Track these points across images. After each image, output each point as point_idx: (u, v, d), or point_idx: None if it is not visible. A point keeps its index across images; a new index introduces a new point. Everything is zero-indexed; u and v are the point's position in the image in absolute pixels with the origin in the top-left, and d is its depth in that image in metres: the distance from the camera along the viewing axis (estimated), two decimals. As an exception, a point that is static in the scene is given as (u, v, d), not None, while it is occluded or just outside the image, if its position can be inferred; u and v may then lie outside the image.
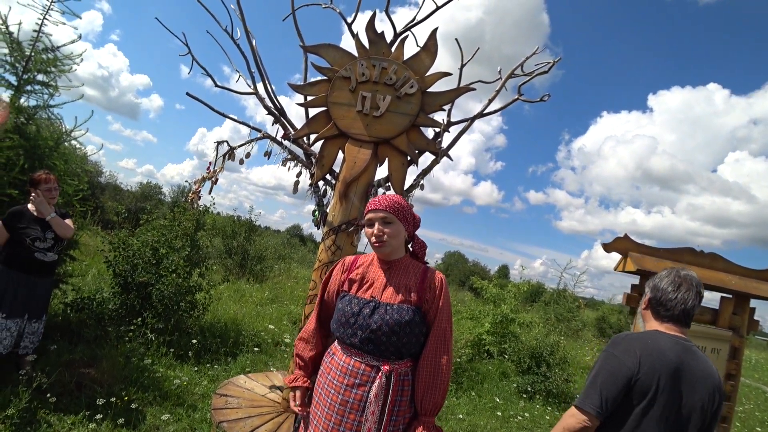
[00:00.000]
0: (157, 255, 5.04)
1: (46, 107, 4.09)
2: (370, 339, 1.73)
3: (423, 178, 3.65)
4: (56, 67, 4.10)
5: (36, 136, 3.97)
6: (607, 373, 1.65)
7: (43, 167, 3.81)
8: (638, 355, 1.64)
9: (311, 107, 3.62)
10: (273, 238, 20.59)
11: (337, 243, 3.30)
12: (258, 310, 7.38)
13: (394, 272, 1.85)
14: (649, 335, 1.73)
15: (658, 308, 1.81)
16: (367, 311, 1.76)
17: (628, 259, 4.15)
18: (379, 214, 1.82)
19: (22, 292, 3.20)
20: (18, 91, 3.90)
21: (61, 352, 3.81)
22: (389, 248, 1.83)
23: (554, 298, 13.12)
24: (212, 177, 3.82)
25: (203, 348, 4.81)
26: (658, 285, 1.85)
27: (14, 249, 3.19)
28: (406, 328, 1.72)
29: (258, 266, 11.28)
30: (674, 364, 1.62)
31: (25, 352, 3.29)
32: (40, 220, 3.26)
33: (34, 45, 3.98)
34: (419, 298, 1.79)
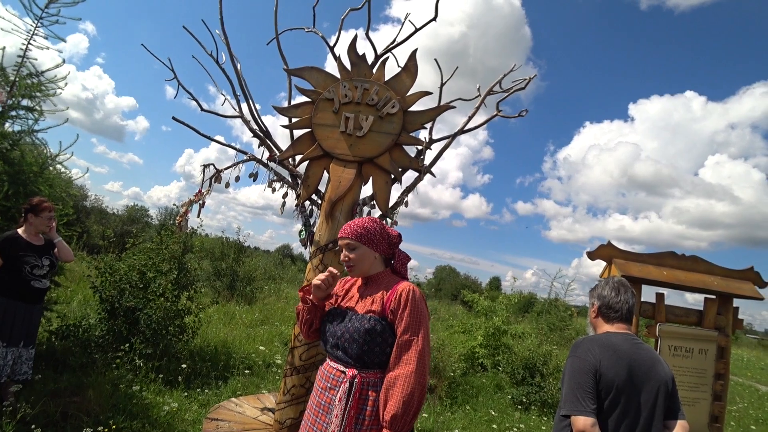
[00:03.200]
0: (144, 279, 4.99)
1: (30, 132, 4.07)
2: (337, 345, 1.87)
3: (407, 195, 3.71)
4: (41, 92, 4.10)
5: (20, 161, 3.94)
6: (577, 374, 1.87)
7: (27, 193, 3.79)
8: (597, 352, 1.89)
9: (296, 129, 3.69)
10: (263, 258, 20.46)
11: (324, 262, 3.32)
12: (248, 332, 7.31)
13: (370, 286, 1.97)
14: (603, 336, 2.00)
15: (608, 312, 2.07)
16: (338, 320, 1.91)
17: (612, 265, 4.23)
18: (344, 241, 1.96)
19: (20, 320, 3.17)
20: (2, 117, 3.89)
21: (47, 382, 3.73)
22: (358, 271, 1.96)
23: (546, 308, 13.16)
24: (200, 200, 3.84)
25: (193, 372, 4.75)
26: (602, 293, 2.11)
27: (11, 276, 3.14)
28: (366, 336, 1.79)
29: (248, 288, 11.19)
30: (627, 356, 1.88)
31: (23, 378, 3.24)
32: (35, 246, 3.24)
33: (19, 70, 3.98)
34: (383, 309, 1.85)
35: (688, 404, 4.03)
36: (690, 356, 4.13)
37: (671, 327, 4.20)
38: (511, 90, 3.62)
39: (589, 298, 2.23)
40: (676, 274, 4.19)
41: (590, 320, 2.19)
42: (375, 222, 2.00)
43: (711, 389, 4.06)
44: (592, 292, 2.19)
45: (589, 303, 2.22)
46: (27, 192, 3.83)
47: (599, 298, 2.11)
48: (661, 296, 4.33)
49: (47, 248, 3.34)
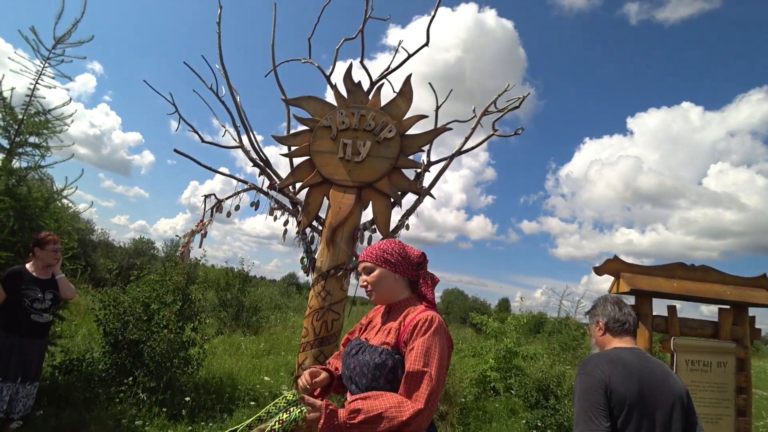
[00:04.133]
0: (148, 311, 4.97)
1: (37, 168, 4.16)
2: (350, 379, 1.70)
3: (408, 218, 3.72)
4: (48, 129, 4.21)
5: (26, 197, 4.01)
6: (588, 392, 1.83)
7: (33, 228, 3.83)
8: (606, 368, 1.85)
9: (295, 157, 3.73)
10: (268, 287, 20.37)
11: (326, 288, 3.31)
12: (254, 362, 7.20)
13: (391, 315, 1.79)
14: (611, 351, 1.96)
15: (615, 326, 2.04)
16: (353, 351, 1.74)
17: (620, 280, 4.15)
18: (362, 265, 1.81)
19: (17, 356, 3.15)
20: (10, 154, 3.98)
21: (48, 418, 3.68)
22: (378, 296, 1.78)
23: (557, 327, 12.90)
24: (202, 230, 3.87)
25: (197, 405, 4.66)
26: (605, 311, 2.10)
27: (10, 310, 3.15)
28: (375, 371, 1.60)
29: (253, 317, 11.10)
30: (638, 371, 1.83)
31: (20, 416, 3.19)
32: (39, 280, 3.26)
33: (27, 109, 4.10)
34: (397, 341, 1.64)
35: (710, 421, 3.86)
36: (708, 370, 3.99)
37: (686, 340, 4.06)
38: (506, 109, 3.67)
39: (590, 319, 2.20)
40: (686, 285, 4.10)
41: (596, 340, 2.14)
42: (393, 242, 1.84)
43: (734, 404, 3.91)
44: (593, 312, 2.17)
45: (591, 323, 2.19)
46: (33, 227, 3.88)
47: (604, 315, 2.10)
48: (673, 309, 4.22)
49: (52, 283, 3.35)
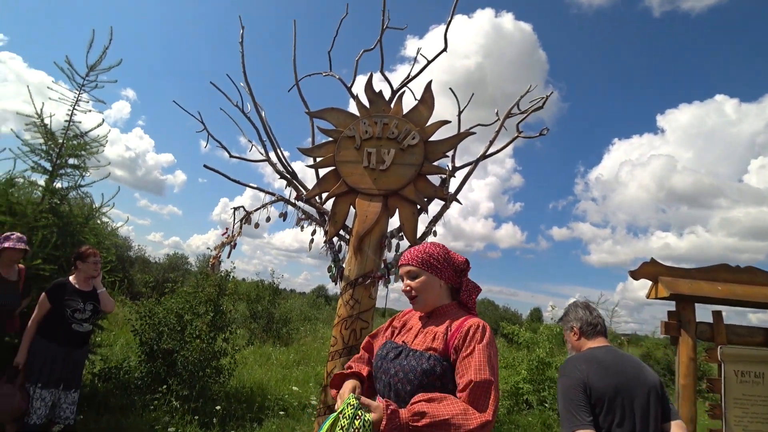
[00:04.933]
0: (181, 321, 5.12)
1: (77, 187, 4.43)
2: (389, 384, 1.58)
3: (435, 224, 3.69)
4: (86, 150, 4.48)
5: (68, 214, 4.26)
6: (568, 391, 1.95)
7: (74, 243, 4.03)
8: (584, 368, 1.98)
9: (321, 168, 3.79)
10: (298, 300, 20.59)
11: (355, 297, 3.31)
12: (284, 373, 7.28)
13: (433, 319, 1.71)
14: (586, 352, 2.10)
15: (588, 329, 2.19)
16: (391, 355, 1.63)
17: (659, 284, 3.96)
18: (404, 269, 1.73)
19: (58, 363, 3.29)
20: (52, 175, 4.24)
21: (87, 422, 3.82)
22: (421, 303, 1.71)
23: (592, 338, 12.44)
24: (231, 242, 3.96)
25: (228, 414, 4.73)
26: (577, 315, 2.26)
27: (53, 320, 3.30)
28: (422, 378, 1.50)
29: (283, 329, 11.24)
30: (613, 366, 1.98)
31: (68, 423, 3.32)
32: (81, 292, 3.42)
33: (66, 133, 4.37)
34: (446, 347, 1.56)
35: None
36: (761, 382, 3.73)
37: (735, 349, 3.81)
38: (529, 110, 3.62)
39: (564, 326, 2.33)
40: (732, 289, 3.86)
41: (572, 344, 2.26)
42: (438, 246, 1.77)
43: (793, 420, 3.66)
44: (566, 319, 2.31)
45: (566, 330, 2.31)
46: (74, 242, 4.08)
47: (577, 320, 2.24)
48: (718, 315, 3.98)
49: (93, 295, 3.51)
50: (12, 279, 3.39)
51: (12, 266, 3.40)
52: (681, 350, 3.83)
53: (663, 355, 13.34)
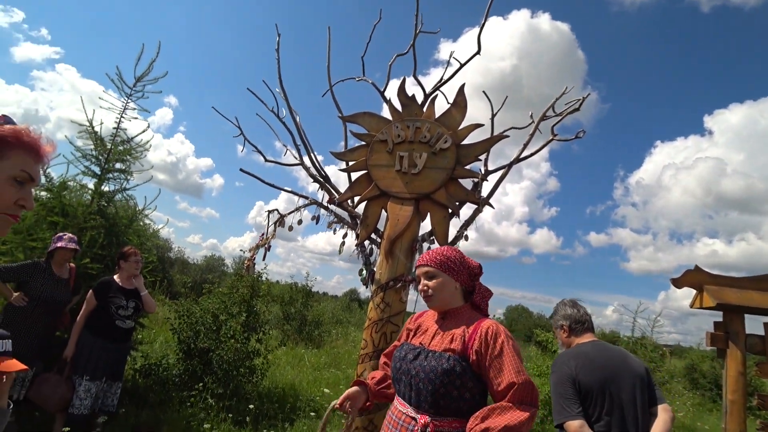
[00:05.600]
0: (217, 321, 5.26)
1: (122, 190, 4.67)
2: (410, 385, 1.68)
3: (467, 228, 3.66)
4: (131, 155, 4.72)
5: (114, 216, 4.49)
6: (559, 386, 2.13)
7: (119, 243, 4.25)
8: (572, 364, 2.15)
9: (353, 171, 3.82)
10: (330, 303, 20.79)
11: (385, 300, 3.32)
12: (315, 374, 7.35)
13: (448, 321, 1.80)
14: (574, 348, 2.27)
15: (576, 327, 2.37)
16: (410, 357, 1.73)
17: (704, 293, 3.77)
18: (422, 269, 1.83)
19: (103, 357, 3.50)
20: (100, 179, 4.48)
21: (128, 416, 3.98)
22: (436, 302, 1.80)
23: (631, 348, 11.91)
24: (265, 244, 4.05)
25: (261, 413, 4.82)
26: (566, 314, 2.43)
27: (99, 316, 3.52)
28: (444, 377, 1.59)
29: (315, 331, 11.37)
30: (599, 359, 2.15)
31: (107, 411, 3.54)
32: (124, 290, 3.62)
33: (114, 139, 4.62)
34: (464, 348, 1.65)
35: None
36: (816, 399, 3.49)
37: None
38: (565, 112, 3.53)
39: (555, 324, 2.49)
40: None
41: (562, 341, 2.43)
42: (455, 250, 1.88)
43: None
44: (555, 318, 2.47)
45: (556, 328, 2.48)
46: (119, 242, 4.29)
47: (566, 318, 2.41)
48: None
49: (135, 293, 3.69)
50: (64, 277, 3.60)
51: (64, 265, 3.61)
52: (729, 363, 3.64)
53: (710, 368, 12.59)
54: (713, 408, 10.68)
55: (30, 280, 3.43)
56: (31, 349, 3.33)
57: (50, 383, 3.30)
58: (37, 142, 1.02)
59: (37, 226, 4.07)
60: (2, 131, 0.98)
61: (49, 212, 4.12)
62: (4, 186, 0.97)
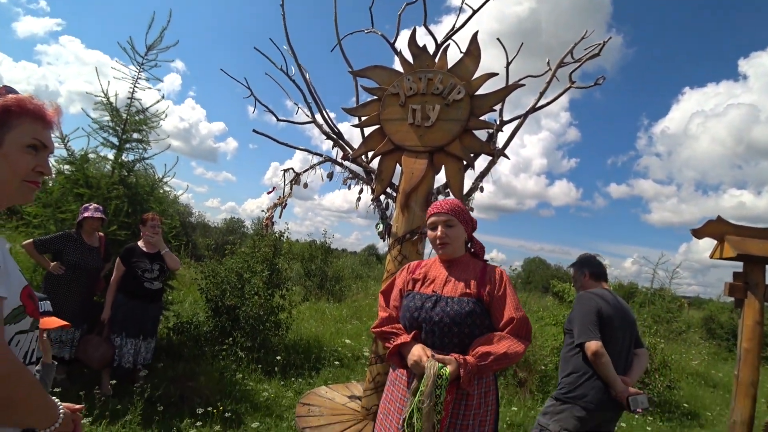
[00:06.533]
0: (241, 280, 5.47)
1: (141, 160, 4.78)
2: (433, 332, 1.78)
3: (482, 180, 3.65)
4: (147, 125, 4.78)
5: (135, 185, 4.62)
6: (587, 315, 2.58)
7: (143, 210, 4.39)
8: (597, 300, 2.64)
9: (366, 126, 3.80)
10: (350, 259, 21.20)
11: (402, 252, 3.39)
12: (338, 327, 7.65)
13: (455, 269, 1.92)
14: (597, 290, 2.75)
15: (598, 274, 2.87)
16: (429, 305, 1.82)
17: (725, 243, 3.74)
18: (441, 218, 1.92)
19: (137, 316, 3.74)
20: (120, 150, 4.58)
21: (167, 369, 4.26)
22: (451, 249, 1.92)
23: (649, 299, 11.95)
24: (282, 203, 4.13)
25: (288, 364, 5.10)
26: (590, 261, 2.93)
27: (129, 280, 3.74)
28: (467, 319, 1.75)
29: (336, 286, 11.69)
30: (613, 304, 2.66)
31: (143, 363, 3.82)
32: (148, 254, 3.79)
33: (129, 109, 4.66)
34: (479, 291, 1.82)
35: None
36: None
37: None
38: (584, 58, 3.39)
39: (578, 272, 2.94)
40: None
41: (582, 284, 2.88)
42: (460, 202, 2.01)
43: None
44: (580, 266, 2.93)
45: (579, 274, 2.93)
46: (143, 210, 4.44)
47: (589, 266, 2.90)
48: None
49: (159, 256, 3.86)
50: (95, 245, 3.81)
51: (93, 234, 3.80)
52: (746, 313, 3.66)
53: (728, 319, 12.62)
54: (728, 357, 10.81)
55: (64, 250, 3.63)
56: (74, 314, 3.57)
57: (92, 343, 3.56)
58: (42, 109, 1.05)
59: (64, 199, 4.23)
60: (6, 101, 1.00)
61: (74, 185, 4.27)
62: (19, 155, 1.01)
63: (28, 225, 4.18)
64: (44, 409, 1.06)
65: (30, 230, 4.13)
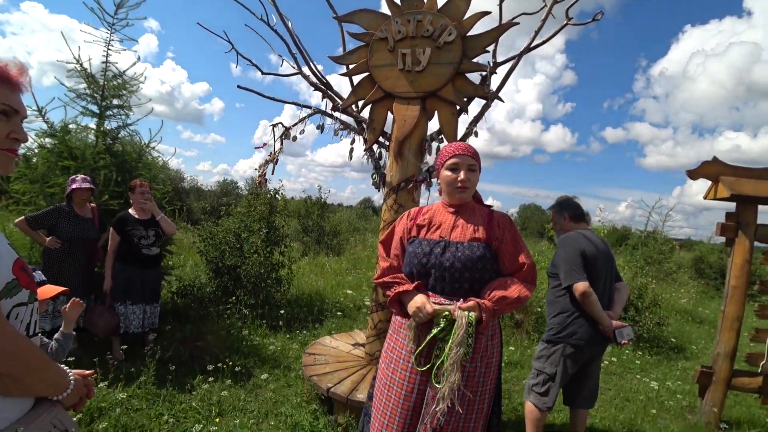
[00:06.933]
0: (239, 239, 5.50)
1: (125, 126, 4.63)
2: (443, 278, 1.76)
3: (476, 124, 3.57)
4: (126, 90, 4.59)
5: (122, 153, 4.51)
6: (571, 257, 2.67)
7: (132, 178, 4.31)
8: (581, 241, 2.72)
9: (354, 75, 3.67)
10: (346, 213, 21.27)
11: (398, 201, 3.37)
12: (338, 279, 7.80)
13: (461, 215, 1.89)
14: (579, 232, 2.82)
15: (577, 216, 2.92)
16: (438, 250, 1.78)
17: (719, 184, 3.76)
18: (468, 161, 1.86)
19: (138, 283, 3.77)
20: (101, 118, 4.43)
21: (174, 331, 4.36)
22: (469, 194, 1.90)
23: (642, 241, 12.17)
24: (273, 159, 4.05)
25: (292, 318, 5.23)
26: (568, 203, 2.97)
27: (126, 248, 3.74)
28: (478, 263, 1.74)
29: (334, 240, 11.81)
30: (594, 243, 2.75)
31: (149, 329, 3.90)
32: (141, 220, 3.76)
33: (105, 74, 4.46)
34: (488, 236, 1.81)
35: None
36: (818, 283, 3.62)
37: None
38: (580, -10, 3.23)
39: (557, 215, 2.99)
40: None
41: (562, 226, 2.94)
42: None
43: None
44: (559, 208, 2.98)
45: (558, 216, 2.97)
46: (132, 177, 4.37)
47: (567, 209, 2.95)
48: None
49: (153, 222, 3.84)
50: (88, 216, 3.76)
51: (84, 205, 3.75)
52: (736, 251, 3.75)
53: (717, 259, 12.91)
54: (715, 295, 11.17)
55: (57, 224, 3.60)
56: (77, 286, 3.60)
57: (96, 313, 3.62)
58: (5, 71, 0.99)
59: (51, 173, 4.13)
60: None
61: (58, 158, 4.15)
62: None
63: (18, 203, 4.13)
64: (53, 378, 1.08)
65: (20, 208, 4.08)
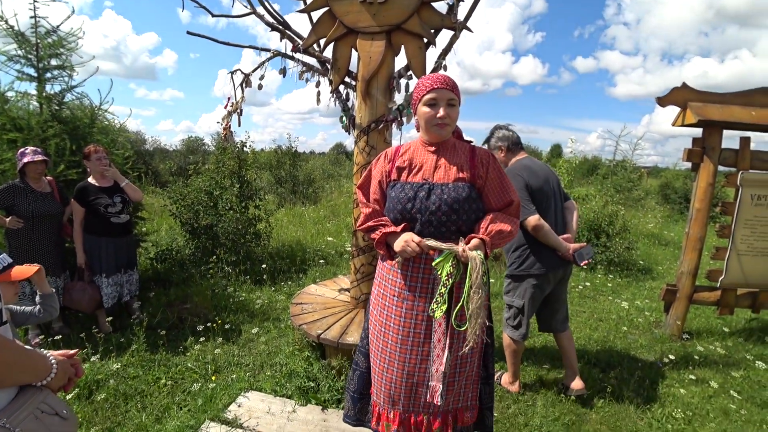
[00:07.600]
0: (212, 197, 5.34)
1: (70, 89, 4.20)
2: (430, 222, 1.70)
3: (444, 57, 3.42)
4: (64, 47, 4.12)
5: (72, 118, 4.14)
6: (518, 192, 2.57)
7: (87, 145, 4.01)
8: (524, 174, 2.68)
9: (312, 11, 3.42)
10: (319, 160, 20.90)
11: (370, 143, 3.28)
12: (317, 228, 7.80)
13: (442, 153, 1.78)
14: (518, 163, 2.79)
15: (514, 147, 2.87)
16: (422, 194, 1.70)
17: (687, 110, 3.79)
18: (447, 95, 1.71)
19: (112, 253, 3.64)
20: (41, 82, 4.00)
21: (160, 297, 4.32)
22: (449, 131, 1.78)
23: (612, 170, 12.48)
24: (236, 109, 3.84)
25: (275, 270, 5.24)
26: (503, 136, 2.89)
27: (94, 219, 3.56)
28: (465, 204, 1.68)
29: (309, 189, 11.70)
30: (536, 168, 2.75)
31: (129, 296, 3.83)
32: (104, 188, 3.57)
33: (36, 31, 3.98)
34: (472, 175, 1.74)
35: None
36: (774, 205, 3.78)
37: (755, 175, 3.83)
38: None
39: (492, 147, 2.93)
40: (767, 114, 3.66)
41: (501, 159, 2.87)
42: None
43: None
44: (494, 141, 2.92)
45: (495, 150, 2.90)
46: (87, 144, 4.04)
47: (503, 140, 2.88)
48: (746, 141, 3.90)
49: (117, 188, 3.65)
50: (46, 191, 3.51)
51: (40, 179, 3.48)
52: (701, 175, 3.87)
53: (682, 185, 13.37)
54: (679, 219, 11.68)
55: (15, 203, 3.35)
56: (49, 264, 3.43)
57: (77, 289, 3.49)
58: None
59: None
60: None
61: (1, 130, 3.80)
62: None
63: (-32, 185, 3.81)
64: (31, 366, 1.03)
65: (-30, 190, 3.77)
